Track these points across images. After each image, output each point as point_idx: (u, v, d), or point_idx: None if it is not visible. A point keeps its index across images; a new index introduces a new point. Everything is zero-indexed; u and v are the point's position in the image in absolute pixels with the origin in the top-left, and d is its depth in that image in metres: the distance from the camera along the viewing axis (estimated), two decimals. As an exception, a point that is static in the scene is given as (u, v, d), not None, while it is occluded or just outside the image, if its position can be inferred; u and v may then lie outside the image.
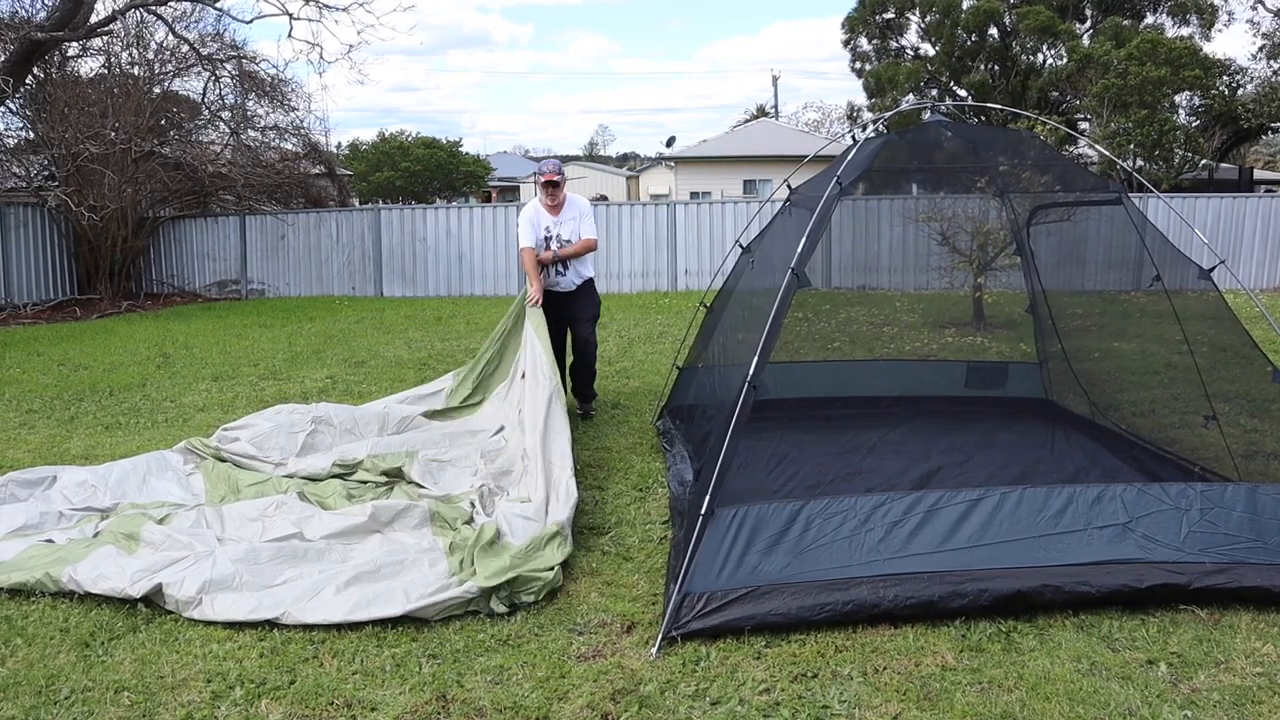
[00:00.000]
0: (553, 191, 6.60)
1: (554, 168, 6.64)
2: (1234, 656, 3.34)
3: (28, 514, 4.76)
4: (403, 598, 3.75)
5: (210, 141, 18.61)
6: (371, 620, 3.66)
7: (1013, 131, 10.79)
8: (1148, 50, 21.36)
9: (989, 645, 3.43)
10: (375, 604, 3.73)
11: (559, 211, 6.67)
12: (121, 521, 4.61)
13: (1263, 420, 4.84)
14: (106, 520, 4.74)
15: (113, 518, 4.75)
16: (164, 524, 4.59)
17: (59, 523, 4.73)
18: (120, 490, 5.10)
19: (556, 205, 6.64)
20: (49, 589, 3.99)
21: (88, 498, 5.02)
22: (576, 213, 6.73)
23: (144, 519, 4.63)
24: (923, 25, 29.20)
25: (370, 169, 35.60)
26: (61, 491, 5.08)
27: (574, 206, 6.73)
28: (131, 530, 4.46)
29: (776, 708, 3.06)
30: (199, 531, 4.48)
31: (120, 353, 10.96)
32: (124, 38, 16.96)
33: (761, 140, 32.97)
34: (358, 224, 18.13)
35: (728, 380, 4.78)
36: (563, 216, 6.67)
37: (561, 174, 6.68)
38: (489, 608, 3.76)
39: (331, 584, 3.87)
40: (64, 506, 4.89)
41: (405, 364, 9.81)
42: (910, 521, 3.73)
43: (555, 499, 4.55)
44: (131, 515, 4.71)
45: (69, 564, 4.07)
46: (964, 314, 10.25)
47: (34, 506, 4.86)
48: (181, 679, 3.32)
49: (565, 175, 6.78)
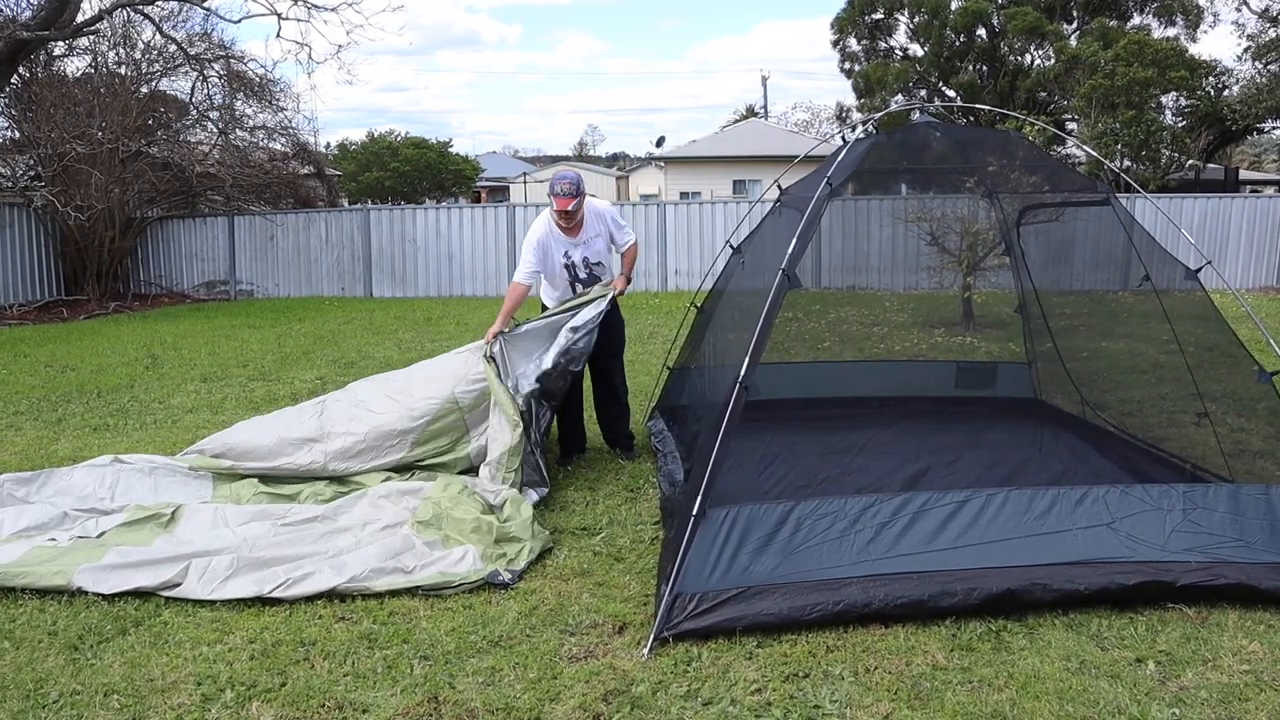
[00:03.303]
0: (567, 217, 5.49)
1: (568, 189, 5.38)
2: (1221, 654, 3.37)
3: (33, 516, 4.74)
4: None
5: (198, 142, 18.52)
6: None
7: (1000, 132, 10.83)
8: (1134, 51, 21.49)
9: (979, 644, 3.44)
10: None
11: (578, 232, 5.59)
12: (129, 522, 4.65)
13: (1249, 419, 4.87)
14: (112, 519, 4.74)
15: (119, 516, 4.75)
16: (175, 521, 4.69)
17: (63, 523, 4.72)
18: (127, 492, 5.09)
19: (574, 227, 5.59)
20: (53, 588, 3.99)
21: (92, 498, 5.01)
22: (602, 227, 5.67)
23: (153, 519, 4.67)
24: (911, 26, 29.30)
25: (359, 169, 35.55)
26: (68, 492, 5.06)
27: (598, 221, 5.65)
28: (139, 530, 4.54)
29: (768, 708, 3.07)
30: (217, 531, 4.58)
31: (108, 354, 10.90)
32: (110, 37, 16.87)
33: (751, 141, 33.01)
34: (347, 224, 18.08)
35: (718, 381, 4.79)
36: (584, 236, 5.60)
37: (579, 193, 5.44)
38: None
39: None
40: (69, 507, 4.88)
41: (395, 365, 9.75)
42: (900, 522, 3.75)
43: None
44: (139, 516, 4.71)
45: (78, 565, 4.09)
46: (953, 314, 10.30)
47: (40, 509, 4.84)
48: (171, 681, 3.31)
49: (584, 189, 5.54)
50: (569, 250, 5.61)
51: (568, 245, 5.60)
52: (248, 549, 4.29)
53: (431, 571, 4.11)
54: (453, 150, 39.84)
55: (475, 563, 4.17)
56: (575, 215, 5.51)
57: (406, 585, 4.00)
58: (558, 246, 5.60)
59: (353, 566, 4.10)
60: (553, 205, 5.48)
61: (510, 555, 4.24)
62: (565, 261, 5.62)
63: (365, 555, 4.21)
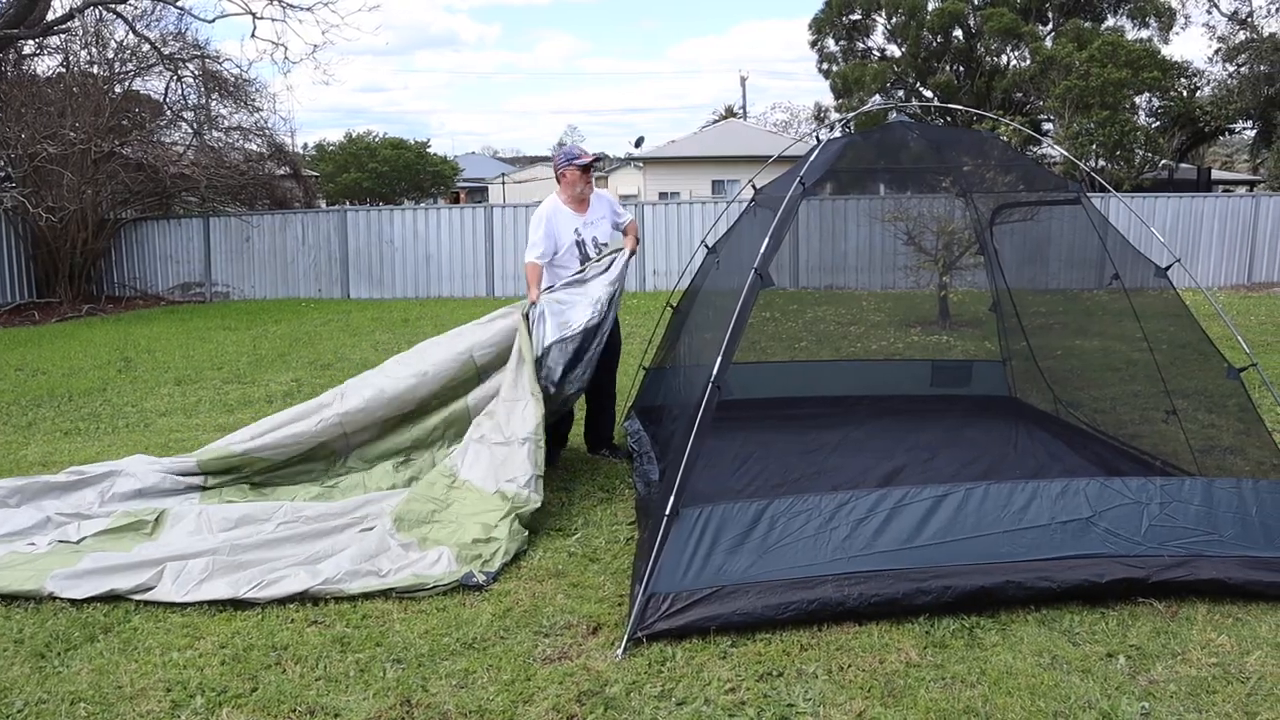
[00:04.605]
0: (586, 177, 5.51)
1: (582, 152, 5.56)
2: (1190, 648, 3.40)
3: (16, 521, 4.67)
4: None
5: (173, 142, 18.35)
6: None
7: (975, 132, 10.91)
8: (1108, 52, 21.74)
9: (952, 641, 3.46)
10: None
11: (586, 209, 5.55)
12: (112, 529, 4.60)
13: (1219, 415, 4.92)
14: (94, 523, 4.68)
15: (102, 521, 4.69)
16: (160, 525, 4.64)
17: (45, 528, 4.65)
18: (111, 494, 5.03)
19: (584, 200, 5.54)
20: (25, 593, 3.94)
21: (77, 503, 4.95)
22: (605, 209, 5.68)
23: (136, 526, 4.62)
24: (889, 26, 29.45)
25: (337, 170, 35.34)
26: (53, 495, 5.00)
27: (599, 204, 5.68)
28: (120, 538, 4.50)
29: (742, 707, 3.07)
30: (200, 537, 4.53)
31: (80, 357, 10.77)
32: (82, 36, 16.70)
33: (730, 141, 33.06)
34: (324, 225, 17.97)
35: (693, 380, 4.79)
36: (591, 215, 5.58)
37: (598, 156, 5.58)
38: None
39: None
40: (53, 511, 4.81)
41: (372, 366, 9.68)
42: (875, 519, 3.75)
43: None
44: (122, 523, 4.66)
45: (51, 570, 4.04)
46: (930, 313, 10.35)
47: (25, 513, 4.76)
48: (140, 689, 3.26)
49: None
50: (579, 228, 5.54)
51: (578, 223, 5.54)
52: (226, 551, 4.25)
53: (406, 574, 4.08)
54: (431, 151, 39.69)
55: (450, 565, 4.14)
56: (590, 178, 5.55)
57: (380, 588, 3.97)
58: (569, 223, 5.53)
59: (327, 569, 4.08)
60: (570, 170, 5.50)
61: (485, 556, 4.22)
62: (576, 239, 5.53)
63: (339, 558, 4.18)
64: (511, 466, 4.77)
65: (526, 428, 4.88)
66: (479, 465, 4.90)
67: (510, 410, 5.02)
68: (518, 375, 5.12)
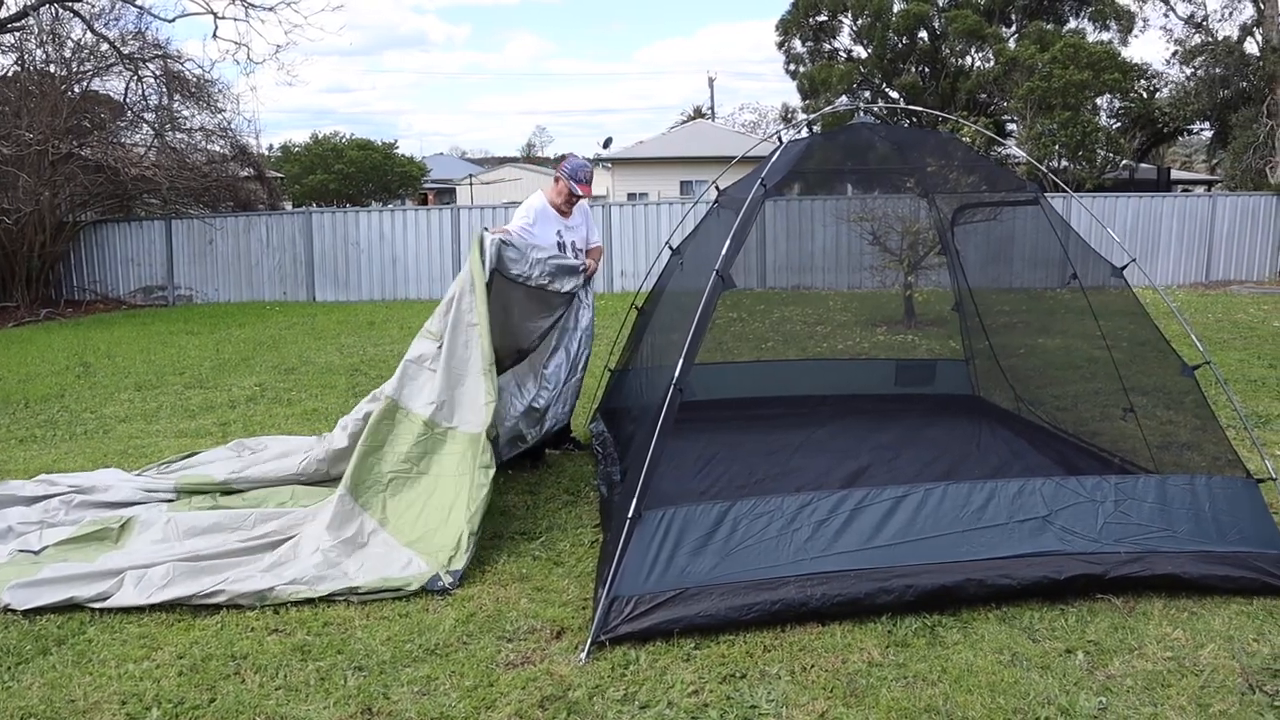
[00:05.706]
0: (576, 199, 5.75)
1: (590, 176, 5.78)
2: (1147, 642, 3.44)
3: None
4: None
5: (134, 144, 18.06)
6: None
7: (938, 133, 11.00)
8: (1070, 54, 22.02)
9: (914, 640, 3.48)
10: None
11: (570, 216, 5.82)
12: (76, 538, 4.52)
13: (1177, 412, 4.99)
14: (58, 531, 4.59)
15: (67, 529, 4.61)
16: (126, 532, 4.59)
17: (6, 538, 4.56)
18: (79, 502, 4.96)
19: (570, 210, 5.81)
20: None
21: (43, 512, 4.87)
22: (583, 217, 5.93)
23: (101, 536, 4.54)
24: (855, 28, 29.61)
25: (304, 171, 34.91)
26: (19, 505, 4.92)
27: (580, 214, 5.91)
28: (84, 547, 4.42)
29: (705, 709, 3.07)
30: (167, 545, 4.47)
31: (37, 362, 10.57)
32: (38, 34, 16.38)
33: (698, 142, 33.11)
34: (288, 227, 17.77)
35: (655, 382, 4.78)
36: (574, 221, 5.84)
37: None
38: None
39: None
40: (15, 521, 4.72)
41: (337, 370, 9.63)
42: (837, 520, 3.77)
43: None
44: (87, 531, 4.58)
45: (9, 581, 3.96)
46: (895, 312, 10.43)
47: None
48: (94, 701, 3.20)
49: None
50: (562, 231, 5.74)
51: (561, 226, 5.74)
52: (191, 558, 4.19)
53: (374, 578, 4.03)
54: (399, 152, 39.32)
55: (420, 567, 4.09)
56: (576, 201, 5.76)
57: (346, 587, 3.94)
58: (554, 224, 5.73)
59: (291, 570, 4.04)
60: (573, 189, 5.66)
61: (451, 550, 4.16)
62: (559, 240, 5.71)
63: (304, 563, 4.13)
64: (464, 402, 4.64)
65: (479, 360, 4.69)
66: (422, 395, 4.73)
67: (465, 339, 4.81)
68: (471, 303, 4.85)
